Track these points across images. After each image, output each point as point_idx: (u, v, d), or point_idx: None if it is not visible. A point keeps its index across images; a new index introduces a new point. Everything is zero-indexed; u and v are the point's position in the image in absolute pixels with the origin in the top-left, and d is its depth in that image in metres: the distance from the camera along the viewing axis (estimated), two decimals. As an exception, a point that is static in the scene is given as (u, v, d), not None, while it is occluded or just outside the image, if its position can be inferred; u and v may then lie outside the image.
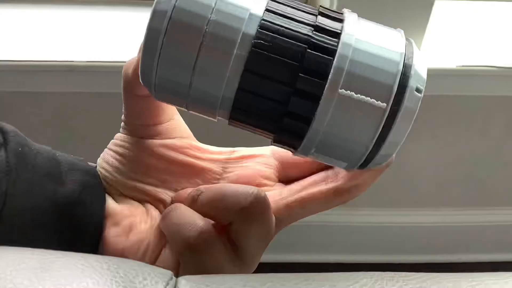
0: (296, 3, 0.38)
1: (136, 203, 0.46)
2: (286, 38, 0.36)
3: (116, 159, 0.46)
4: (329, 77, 0.35)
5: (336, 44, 0.36)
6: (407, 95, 0.36)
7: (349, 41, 0.36)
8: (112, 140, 0.47)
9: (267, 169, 0.47)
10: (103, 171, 0.46)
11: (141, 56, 0.37)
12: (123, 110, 0.46)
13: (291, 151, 0.40)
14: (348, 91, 0.35)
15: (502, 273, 0.30)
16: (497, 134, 1.43)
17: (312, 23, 0.36)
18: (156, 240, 0.44)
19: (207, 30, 0.35)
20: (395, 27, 0.39)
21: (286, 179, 0.47)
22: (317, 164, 0.46)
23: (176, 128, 0.47)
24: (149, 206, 0.46)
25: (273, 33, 0.35)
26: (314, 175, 0.45)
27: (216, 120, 0.40)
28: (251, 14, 0.36)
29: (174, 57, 0.36)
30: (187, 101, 0.38)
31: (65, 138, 1.37)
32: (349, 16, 0.38)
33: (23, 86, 1.22)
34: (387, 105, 0.35)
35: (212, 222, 0.42)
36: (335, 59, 0.35)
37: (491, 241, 1.70)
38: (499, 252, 1.72)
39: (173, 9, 0.35)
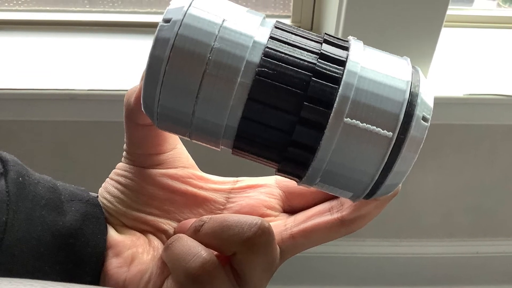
0: (301, 30, 0.38)
1: (138, 234, 0.46)
2: (291, 66, 0.35)
3: (118, 189, 0.46)
4: (334, 105, 0.34)
5: (341, 72, 0.35)
6: (413, 124, 0.35)
7: (354, 69, 0.35)
8: (114, 170, 0.47)
9: (271, 199, 0.47)
10: (104, 201, 0.46)
11: (143, 84, 0.36)
12: (125, 139, 0.46)
13: (295, 181, 0.39)
14: (354, 120, 0.35)
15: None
16: (505, 163, 1.43)
17: (317, 50, 0.36)
18: (158, 271, 0.43)
19: (210, 58, 0.35)
20: (401, 55, 0.39)
21: (290, 209, 0.47)
22: (322, 194, 0.45)
23: (178, 157, 0.47)
24: (151, 236, 0.46)
25: (277, 61, 0.35)
26: (319, 205, 0.45)
27: (219, 150, 0.40)
28: (255, 42, 0.35)
29: (177, 86, 0.35)
30: (190, 130, 0.38)
31: (66, 168, 1.36)
32: (355, 44, 0.38)
33: (24, 114, 1.22)
34: (393, 134, 0.35)
35: (215, 252, 0.41)
36: (340, 88, 0.35)
37: (499, 272, 1.69)
38: (507, 283, 1.71)
39: (175, 36, 0.35)
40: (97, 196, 0.47)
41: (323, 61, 0.35)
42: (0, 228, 0.40)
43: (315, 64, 0.35)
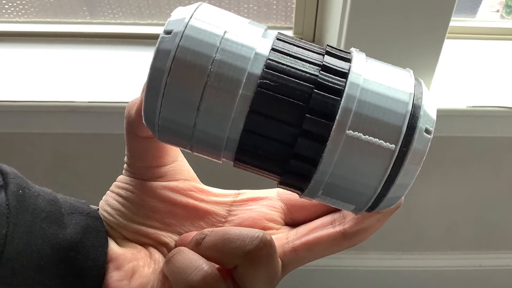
0: (303, 42, 0.38)
1: (139, 247, 0.46)
2: (293, 78, 0.35)
3: (119, 202, 0.46)
4: (337, 118, 0.34)
5: (343, 84, 0.35)
6: (416, 136, 0.35)
7: (357, 81, 0.35)
8: (115, 182, 0.47)
9: (273, 212, 0.46)
10: (105, 214, 0.46)
11: (144, 96, 0.36)
12: (125, 152, 0.45)
13: (297, 193, 0.39)
14: (356, 132, 0.34)
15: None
16: (508, 176, 1.42)
17: (319, 62, 0.36)
18: (159, 284, 0.43)
19: (211, 69, 0.34)
20: (404, 67, 0.39)
21: (292, 222, 0.47)
22: (324, 206, 0.45)
23: (180, 170, 0.47)
24: (152, 249, 0.46)
25: (279, 72, 0.35)
26: (321, 218, 0.45)
27: (221, 162, 0.39)
28: (256, 54, 0.35)
29: (178, 98, 0.35)
30: (191, 142, 0.37)
31: (66, 180, 1.36)
32: (357, 56, 0.37)
33: (23, 127, 1.22)
34: (396, 146, 0.35)
35: (217, 265, 0.41)
36: (343, 100, 0.34)
37: (503, 285, 1.68)
38: (510, 296, 1.70)
39: (177, 48, 0.34)
40: (98, 209, 0.46)
41: (325, 73, 0.35)
42: (0, 241, 0.39)
43: (317, 76, 0.35)
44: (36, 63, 1.26)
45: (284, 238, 0.45)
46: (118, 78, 1.22)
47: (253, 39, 0.36)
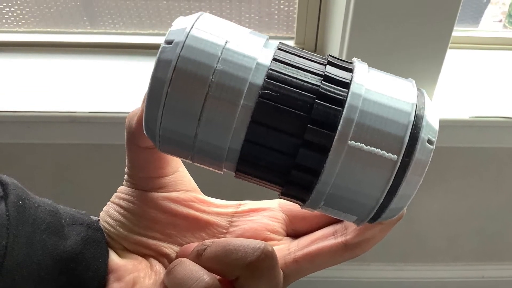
0: (305, 52, 0.38)
1: (140, 258, 0.45)
2: (294, 88, 0.35)
3: (119, 213, 0.45)
4: (338, 128, 0.34)
5: (345, 94, 0.35)
6: (418, 146, 0.35)
7: (358, 91, 0.35)
8: (115, 193, 0.47)
9: (275, 223, 0.46)
10: (106, 225, 0.46)
11: (145, 106, 0.36)
12: (126, 162, 0.45)
13: (299, 204, 0.39)
14: (358, 143, 0.34)
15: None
16: (511, 187, 1.42)
17: (321, 72, 0.36)
18: (160, 296, 0.43)
19: (213, 80, 0.34)
20: (406, 77, 0.39)
21: (294, 233, 0.47)
22: (325, 217, 0.45)
23: (181, 180, 0.47)
24: (153, 260, 0.46)
25: (280, 83, 0.35)
26: (323, 229, 0.45)
27: (222, 173, 0.39)
28: (258, 64, 0.35)
29: (179, 108, 0.35)
30: (192, 153, 0.37)
31: (67, 191, 1.36)
32: (359, 66, 0.37)
33: (24, 137, 1.22)
34: (398, 157, 0.34)
35: (218, 277, 0.40)
36: (345, 110, 0.34)
37: (505, 296, 1.68)
38: (513, 307, 1.70)
39: (178, 58, 0.34)
40: (98, 220, 0.46)
41: (327, 83, 0.35)
42: (0, 252, 0.39)
43: (319, 86, 0.35)
44: (36, 73, 1.26)
45: (285, 249, 0.44)
46: (118, 88, 1.22)
47: (255, 49, 0.36)
